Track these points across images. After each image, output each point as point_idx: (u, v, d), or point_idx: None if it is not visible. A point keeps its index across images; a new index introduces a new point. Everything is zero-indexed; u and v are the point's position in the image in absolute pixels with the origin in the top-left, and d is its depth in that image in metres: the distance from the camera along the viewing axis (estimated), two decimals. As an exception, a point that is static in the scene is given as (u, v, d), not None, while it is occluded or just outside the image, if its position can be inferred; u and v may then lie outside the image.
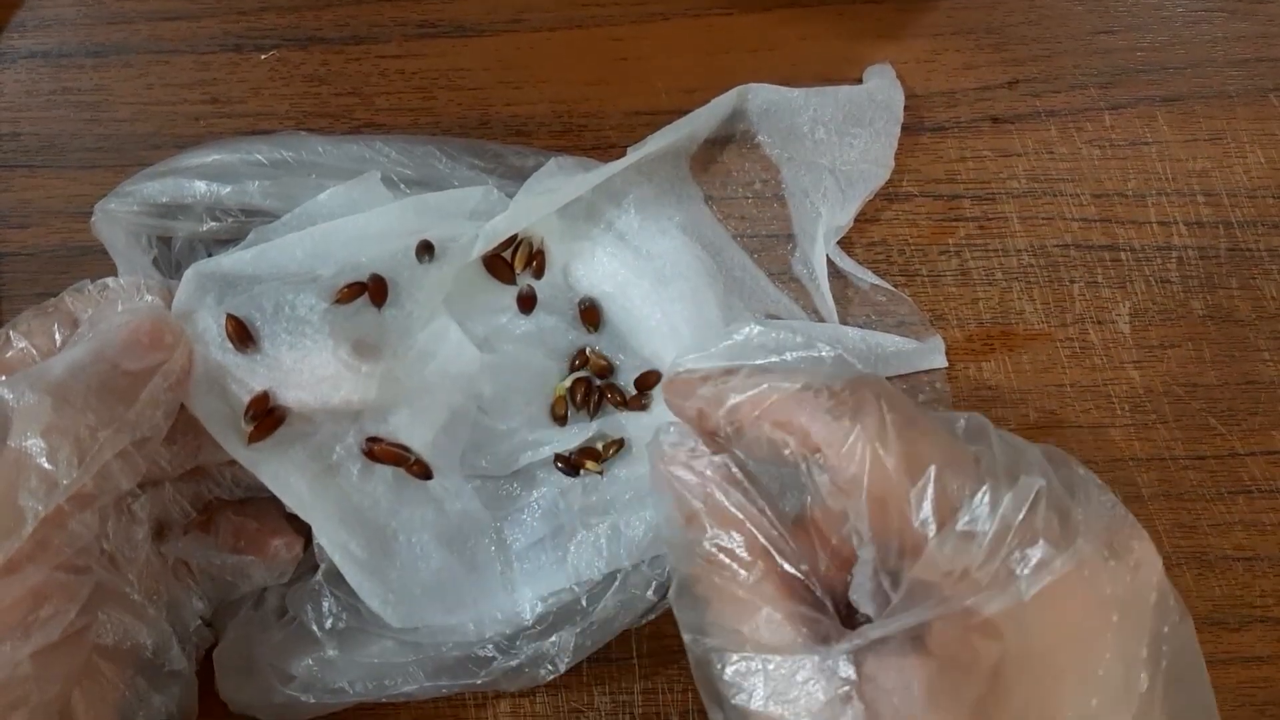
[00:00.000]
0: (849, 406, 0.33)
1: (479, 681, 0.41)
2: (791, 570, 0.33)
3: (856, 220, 0.49)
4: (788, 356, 0.39)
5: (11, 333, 0.37)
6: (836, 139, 0.49)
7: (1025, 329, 0.48)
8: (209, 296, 0.39)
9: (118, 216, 0.43)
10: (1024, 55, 0.52)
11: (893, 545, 0.32)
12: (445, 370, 0.44)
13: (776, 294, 0.48)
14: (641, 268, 0.47)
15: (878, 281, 0.48)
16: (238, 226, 0.43)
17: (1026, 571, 0.30)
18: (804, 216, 0.49)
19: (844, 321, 0.48)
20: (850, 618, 0.34)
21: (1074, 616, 0.31)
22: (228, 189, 0.43)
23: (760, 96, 0.49)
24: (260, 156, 0.44)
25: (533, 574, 0.44)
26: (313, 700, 0.41)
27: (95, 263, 0.47)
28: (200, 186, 0.43)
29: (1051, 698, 0.30)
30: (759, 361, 0.38)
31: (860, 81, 0.50)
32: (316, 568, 0.42)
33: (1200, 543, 0.46)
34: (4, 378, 0.35)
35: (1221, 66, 0.52)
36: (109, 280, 0.39)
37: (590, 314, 0.47)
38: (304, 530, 0.42)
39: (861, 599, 0.33)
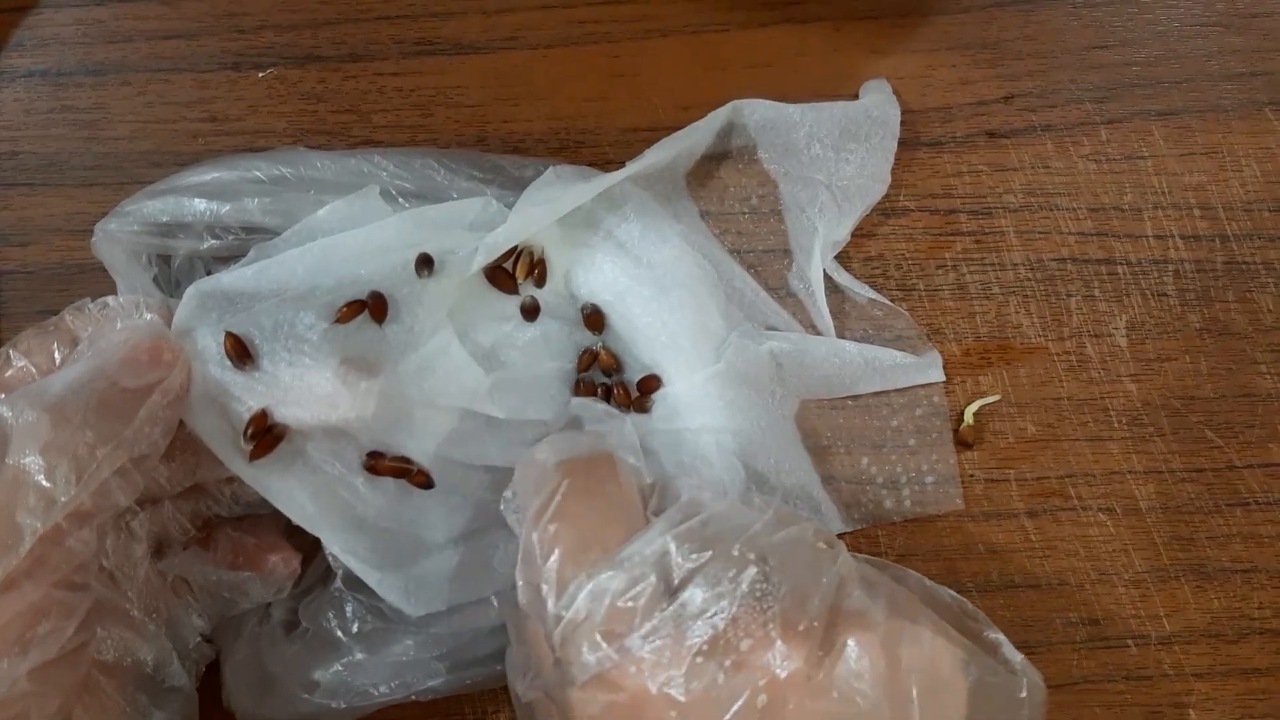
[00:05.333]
0: (532, 480, 0.36)
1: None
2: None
3: (853, 235, 0.49)
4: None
5: (11, 351, 0.37)
6: (833, 154, 0.49)
7: (1022, 343, 0.49)
8: (210, 314, 0.39)
9: (118, 236, 0.43)
10: (1019, 70, 0.52)
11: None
12: (446, 386, 0.44)
13: (776, 307, 0.48)
14: (642, 276, 0.47)
15: (875, 296, 0.48)
16: (238, 244, 0.43)
17: (581, 658, 0.32)
18: (801, 232, 0.49)
19: (841, 336, 0.48)
20: None
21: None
22: (227, 206, 0.43)
23: (757, 112, 0.49)
24: (259, 173, 0.44)
25: None
26: (342, 705, 0.41)
27: (95, 281, 0.47)
28: (200, 204, 0.43)
29: None
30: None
31: (856, 97, 0.51)
32: (321, 580, 0.42)
33: (1198, 555, 0.46)
34: (3, 396, 0.35)
35: (1217, 81, 0.52)
36: (109, 299, 0.39)
37: (594, 319, 0.47)
38: (303, 546, 0.42)
39: None
